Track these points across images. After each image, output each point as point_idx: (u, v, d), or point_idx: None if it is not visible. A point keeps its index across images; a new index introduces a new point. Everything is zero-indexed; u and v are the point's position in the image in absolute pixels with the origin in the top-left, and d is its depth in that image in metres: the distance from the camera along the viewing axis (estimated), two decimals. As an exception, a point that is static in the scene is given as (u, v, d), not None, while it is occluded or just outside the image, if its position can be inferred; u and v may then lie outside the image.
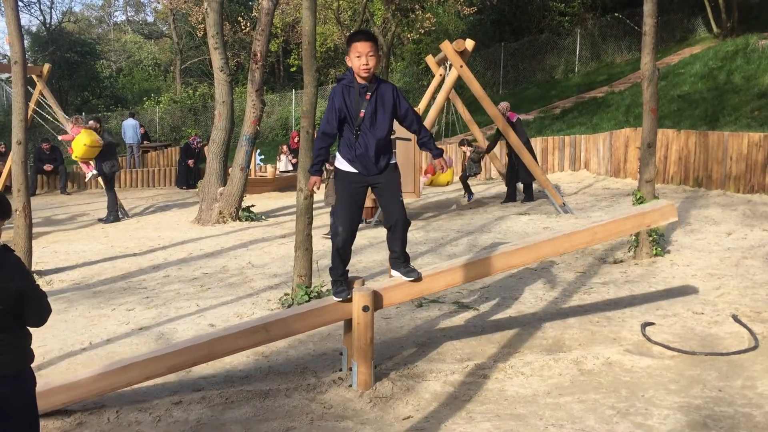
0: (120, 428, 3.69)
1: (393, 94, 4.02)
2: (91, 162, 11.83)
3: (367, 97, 3.95)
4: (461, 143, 12.54)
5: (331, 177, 7.96)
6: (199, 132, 24.02)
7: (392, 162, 4.08)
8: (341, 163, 4.04)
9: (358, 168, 3.99)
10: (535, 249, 4.41)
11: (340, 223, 4.04)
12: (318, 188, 4.11)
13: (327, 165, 5.56)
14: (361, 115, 3.94)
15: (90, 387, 3.78)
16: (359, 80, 3.96)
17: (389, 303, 4.18)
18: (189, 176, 17.31)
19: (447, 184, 11.67)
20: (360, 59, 3.89)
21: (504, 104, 11.51)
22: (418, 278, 4.13)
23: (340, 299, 4.04)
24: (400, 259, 4.14)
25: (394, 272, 4.21)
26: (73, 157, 12.05)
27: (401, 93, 4.11)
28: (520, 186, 11.50)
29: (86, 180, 14.23)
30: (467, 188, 12.06)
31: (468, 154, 12.22)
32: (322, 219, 9.26)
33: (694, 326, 4.84)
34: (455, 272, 4.25)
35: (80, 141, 11.23)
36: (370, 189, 4.15)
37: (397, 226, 4.05)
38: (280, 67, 35.09)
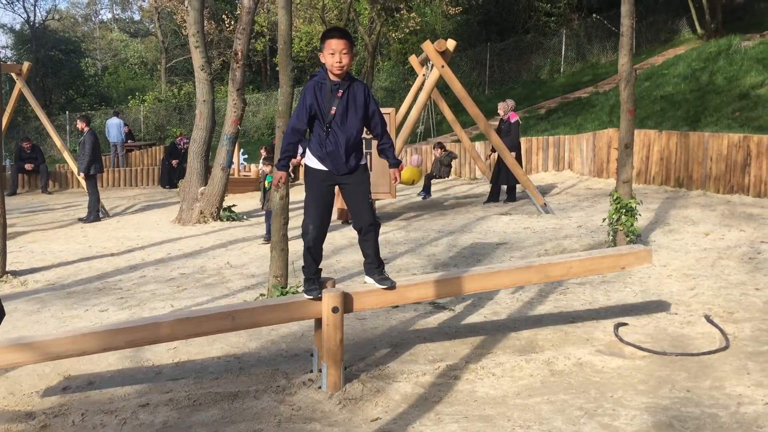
0: (85, 431, 3.64)
1: (365, 94, 4.02)
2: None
3: (339, 94, 3.93)
4: (435, 146, 13.01)
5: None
6: (184, 131, 23.90)
7: (362, 163, 4.06)
8: (311, 161, 4.02)
9: (327, 166, 3.96)
10: (512, 275, 4.42)
11: (311, 221, 4.02)
12: (284, 183, 4.07)
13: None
14: (332, 112, 3.92)
15: (43, 350, 3.66)
16: (332, 77, 3.93)
17: (360, 308, 4.14)
18: (172, 176, 17.20)
19: (412, 183, 11.56)
20: (333, 56, 3.86)
21: (510, 102, 11.54)
22: (392, 287, 4.08)
23: (311, 297, 4.01)
24: (374, 264, 4.09)
25: (367, 278, 4.14)
26: None
27: (372, 94, 4.11)
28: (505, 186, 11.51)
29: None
30: (427, 187, 12.39)
31: (438, 156, 12.73)
32: (298, 221, 9.19)
33: (666, 326, 4.85)
34: (428, 286, 4.21)
35: None
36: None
37: (367, 229, 4.02)
38: (267, 66, 34.99)
